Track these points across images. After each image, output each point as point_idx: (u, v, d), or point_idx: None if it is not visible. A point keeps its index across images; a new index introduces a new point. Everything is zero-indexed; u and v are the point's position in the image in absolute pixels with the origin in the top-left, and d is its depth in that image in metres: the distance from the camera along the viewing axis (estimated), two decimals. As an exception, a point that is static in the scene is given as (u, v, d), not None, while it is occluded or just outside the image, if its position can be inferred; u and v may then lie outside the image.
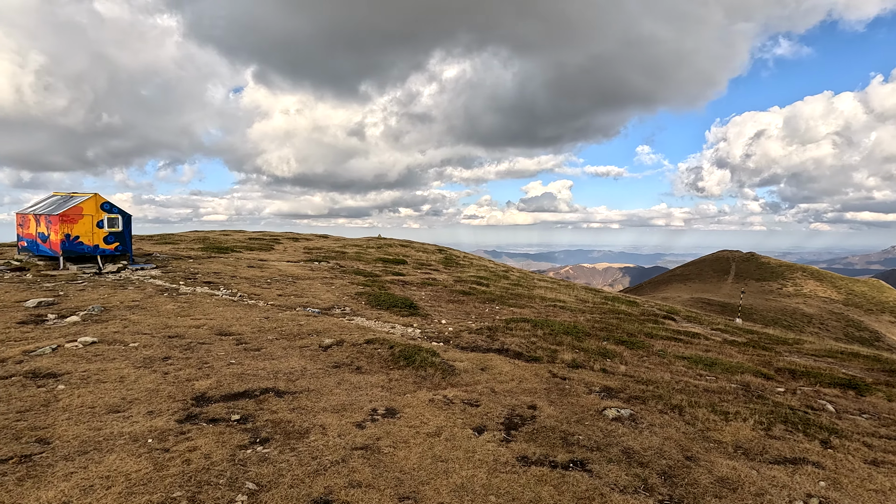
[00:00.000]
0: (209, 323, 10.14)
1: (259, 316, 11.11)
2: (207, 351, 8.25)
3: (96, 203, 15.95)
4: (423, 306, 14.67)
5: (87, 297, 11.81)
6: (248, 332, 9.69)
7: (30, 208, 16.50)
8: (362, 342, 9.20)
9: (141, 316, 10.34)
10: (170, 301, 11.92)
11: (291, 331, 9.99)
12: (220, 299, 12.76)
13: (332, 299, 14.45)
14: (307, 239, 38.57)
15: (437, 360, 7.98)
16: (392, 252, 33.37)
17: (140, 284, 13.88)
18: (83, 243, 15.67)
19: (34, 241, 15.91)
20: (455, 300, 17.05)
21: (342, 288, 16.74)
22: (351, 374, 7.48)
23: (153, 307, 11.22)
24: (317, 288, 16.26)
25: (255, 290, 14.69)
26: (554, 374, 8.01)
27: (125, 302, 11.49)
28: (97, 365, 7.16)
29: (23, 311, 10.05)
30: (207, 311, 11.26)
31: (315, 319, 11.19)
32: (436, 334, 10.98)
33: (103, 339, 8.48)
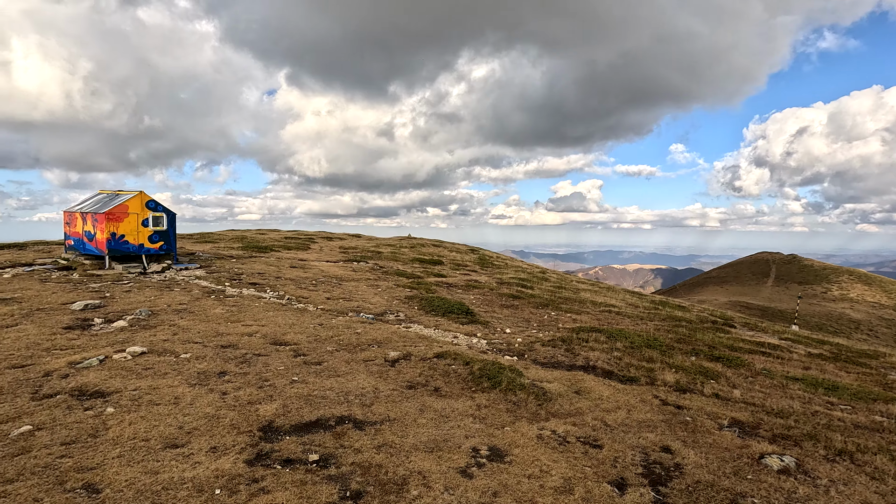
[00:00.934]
0: (262, 330, 9.24)
1: (312, 322, 10.17)
2: (265, 365, 7.30)
3: (141, 201, 15.38)
4: (479, 312, 13.53)
5: (134, 299, 11.10)
6: (304, 341, 8.74)
7: (76, 206, 16.08)
8: (432, 356, 8.12)
9: (190, 321, 9.52)
10: (218, 304, 11.11)
11: (350, 341, 8.99)
12: (269, 302, 11.91)
13: (383, 304, 13.45)
14: (341, 238, 37.93)
15: (524, 382, 6.83)
16: (426, 252, 32.36)
17: (186, 285, 13.17)
18: (128, 242, 15.12)
19: (81, 239, 15.45)
20: (507, 305, 15.86)
21: (389, 291, 15.76)
22: (431, 397, 6.40)
23: (201, 311, 10.41)
24: (364, 290, 15.32)
25: (302, 292, 13.82)
26: (664, 401, 6.75)
27: (172, 305, 10.72)
28: (148, 381, 6.27)
29: (69, 315, 9.35)
30: (258, 316, 10.39)
31: (371, 327, 10.18)
32: (505, 346, 9.82)
33: (153, 348, 7.63)
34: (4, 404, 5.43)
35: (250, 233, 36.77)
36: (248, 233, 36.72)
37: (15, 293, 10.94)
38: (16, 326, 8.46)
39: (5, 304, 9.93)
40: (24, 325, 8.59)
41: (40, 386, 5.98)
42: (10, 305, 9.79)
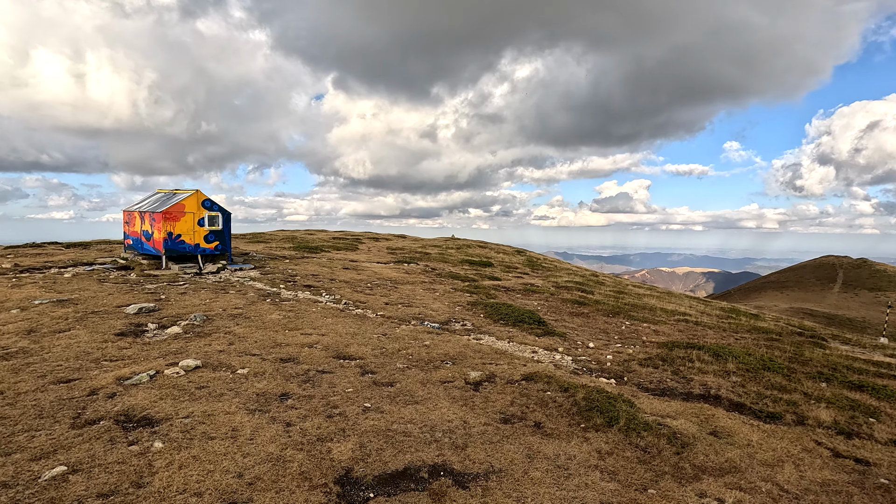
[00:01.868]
0: (322, 340, 8.22)
1: (375, 332, 9.09)
2: (331, 385, 6.22)
3: (198, 200, 14.88)
4: (550, 321, 12.11)
5: (189, 302, 10.39)
6: (369, 355, 7.64)
7: (135, 206, 15.82)
8: (519, 378, 6.82)
9: (246, 328, 8.63)
10: (274, 309, 10.23)
11: (420, 355, 7.82)
12: (326, 307, 10.95)
13: (445, 310, 12.26)
14: (387, 239, 37.18)
15: (647, 419, 5.42)
16: (473, 253, 31.03)
17: (241, 288, 12.45)
18: (184, 242, 14.64)
19: (139, 238, 15.14)
20: (576, 313, 14.33)
21: (448, 295, 14.57)
22: (535, 436, 5.10)
23: (257, 316, 9.54)
24: (422, 295, 14.20)
25: (359, 296, 12.84)
26: (834, 451, 5.18)
27: (227, 309, 9.92)
28: (202, 406, 5.29)
29: (122, 320, 8.66)
30: (316, 322, 9.41)
31: (440, 339, 8.99)
32: (596, 366, 8.39)
33: (207, 361, 6.71)
34: (42, 432, 4.55)
35: (299, 233, 36.65)
36: (298, 233, 36.61)
37: (73, 294, 10.46)
38: (68, 332, 7.79)
39: (62, 305, 9.39)
40: (76, 329, 7.92)
41: (83, 408, 5.10)
42: (66, 307, 9.24)
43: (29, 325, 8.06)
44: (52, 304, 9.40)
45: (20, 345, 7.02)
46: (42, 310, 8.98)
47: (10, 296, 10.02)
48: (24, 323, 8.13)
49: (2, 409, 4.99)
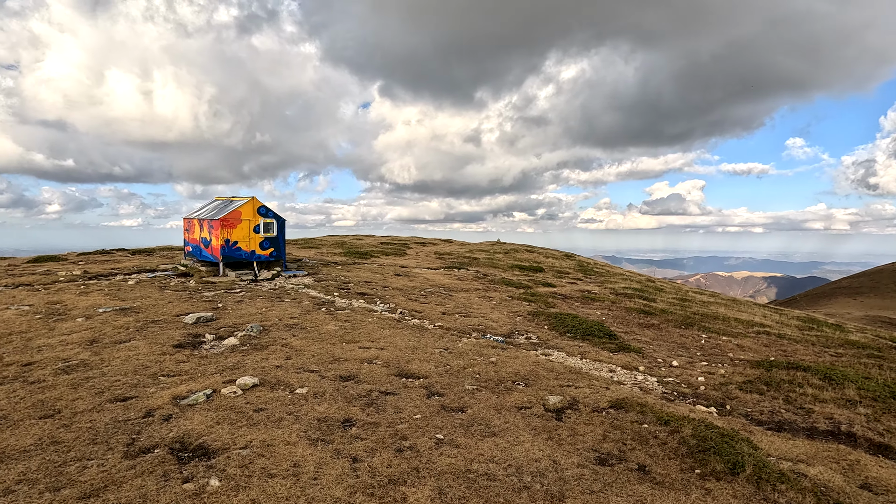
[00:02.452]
0: (381, 354, 7.62)
1: (436, 346, 8.41)
2: (396, 409, 5.57)
3: (253, 207, 14.83)
4: (621, 334, 11.03)
5: (245, 310, 10.12)
6: (433, 373, 6.95)
7: (195, 213, 16.01)
8: (606, 405, 5.92)
9: (302, 341, 8.18)
10: (329, 319, 9.78)
11: (489, 374, 7.06)
12: (382, 317, 10.40)
13: (505, 321, 11.44)
14: (433, 243, 36.69)
15: (781, 468, 4.39)
16: (521, 258, 29.93)
17: (295, 295, 12.15)
18: (241, 248, 14.61)
19: (198, 245, 15.27)
20: (645, 324, 13.12)
21: (506, 304, 13.73)
22: (642, 484, 4.21)
23: (313, 327, 9.10)
24: (478, 303, 13.44)
25: (414, 304, 12.24)
26: None
27: (283, 319, 9.55)
28: (261, 433, 4.75)
29: (181, 330, 8.42)
30: (373, 334, 8.85)
31: (506, 354, 8.19)
32: (688, 389, 7.33)
33: (265, 379, 6.24)
34: (94, 462, 4.14)
35: (348, 238, 36.86)
36: (346, 238, 36.83)
37: (135, 301, 10.44)
38: (128, 343, 7.59)
39: (124, 314, 9.31)
40: (136, 340, 7.71)
41: (138, 433, 4.68)
42: (128, 316, 9.14)
43: (91, 334, 7.94)
44: (114, 313, 9.34)
45: (81, 357, 6.83)
46: (105, 318, 8.91)
47: (77, 303, 10.10)
48: (88, 333, 8.02)
49: (57, 432, 4.65)
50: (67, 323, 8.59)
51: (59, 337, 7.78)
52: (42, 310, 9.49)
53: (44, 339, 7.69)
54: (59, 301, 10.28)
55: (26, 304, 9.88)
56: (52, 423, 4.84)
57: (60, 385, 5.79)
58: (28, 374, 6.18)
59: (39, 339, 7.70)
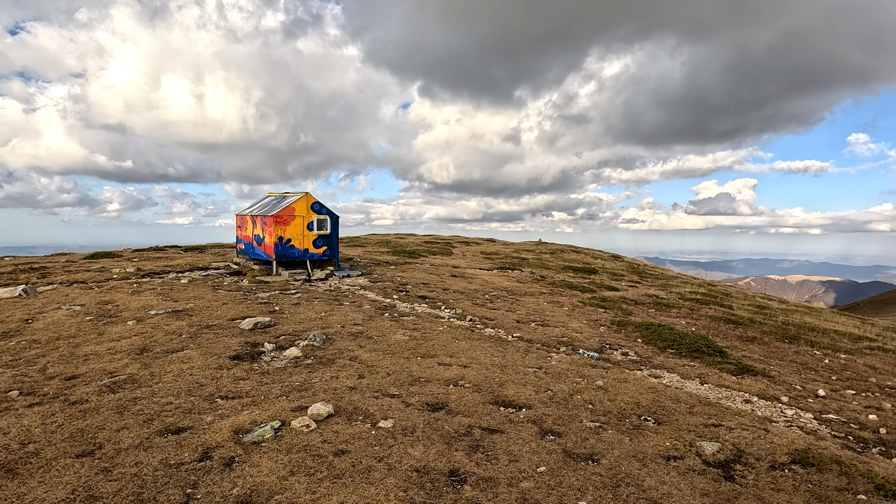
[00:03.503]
0: (467, 374, 6.33)
1: (525, 363, 7.06)
2: (510, 457, 4.25)
3: (307, 203, 13.90)
4: (727, 350, 9.32)
5: (304, 315, 9.08)
6: (536, 401, 5.60)
7: (247, 209, 15.27)
8: (786, 459, 4.40)
9: (371, 353, 7.00)
10: (396, 327, 8.59)
11: (602, 403, 5.64)
12: (452, 326, 9.13)
13: (589, 331, 9.95)
14: (477, 243, 35.26)
15: None
16: (569, 259, 28.04)
17: (353, 298, 11.07)
18: (294, 247, 13.71)
19: (250, 243, 14.50)
20: (744, 337, 11.31)
21: (580, 311, 12.21)
22: None
23: (380, 336, 7.92)
24: (549, 309, 11.99)
25: (482, 310, 10.92)
26: None
27: (346, 326, 8.43)
28: (349, 493, 3.54)
29: (237, 337, 7.41)
30: (449, 347, 7.58)
31: (612, 376, 6.73)
32: (865, 432, 5.66)
33: (339, 405, 5.06)
34: (137, 534, 3.01)
35: (390, 236, 35.98)
36: (389, 236, 35.96)
37: (188, 303, 9.60)
38: (181, 352, 6.61)
39: (177, 317, 8.43)
40: (189, 349, 6.73)
41: (194, 486, 3.56)
42: (181, 320, 8.24)
43: (142, 341, 7.03)
44: (167, 316, 8.47)
45: (130, 370, 5.86)
46: (157, 322, 8.04)
47: (129, 304, 9.33)
48: (138, 339, 7.11)
49: (95, 480, 3.59)
50: (117, 327, 7.75)
51: (108, 343, 6.90)
52: (93, 310, 8.74)
53: (91, 345, 6.83)
54: (111, 301, 9.55)
55: (78, 304, 9.19)
56: (91, 466, 3.78)
57: (105, 408, 4.79)
58: (70, 390, 5.24)
59: (87, 345, 6.84)
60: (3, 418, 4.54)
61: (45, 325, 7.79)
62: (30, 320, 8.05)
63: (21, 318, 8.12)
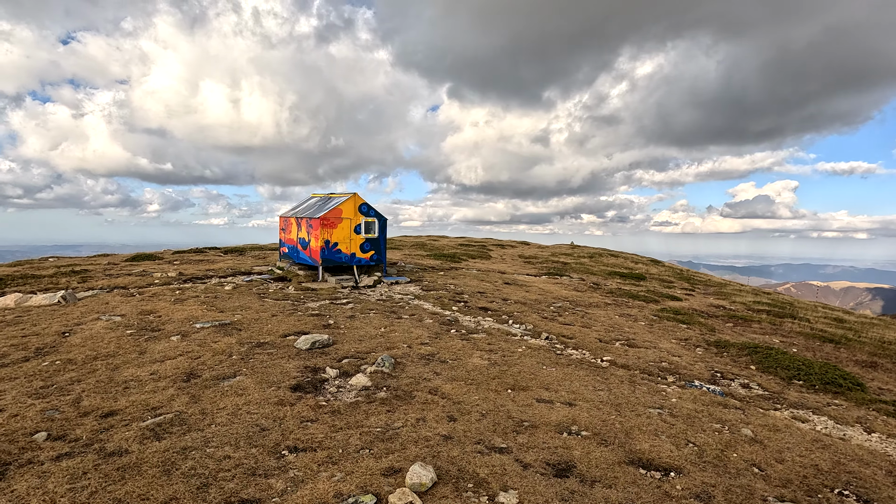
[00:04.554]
0: (577, 416, 5.05)
1: (637, 398, 5.72)
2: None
3: (354, 204, 12.87)
4: (862, 381, 7.73)
5: (362, 329, 7.96)
6: (685, 461, 4.27)
7: (291, 211, 14.36)
8: None
9: (453, 384, 5.80)
10: (469, 347, 7.37)
11: (772, 466, 4.27)
12: (530, 345, 7.85)
13: (684, 353, 8.51)
14: (511, 246, 33.83)
15: None
16: (610, 263, 26.29)
17: (410, 309, 9.92)
18: (341, 251, 12.69)
19: (294, 246, 13.57)
20: (861, 361, 9.61)
21: (661, 327, 10.74)
22: None
23: (454, 359, 6.72)
24: (625, 324, 10.56)
25: (553, 325, 9.60)
26: None
27: (412, 345, 7.26)
28: None
29: (294, 360, 6.33)
30: (539, 375, 6.32)
31: (758, 422, 5.33)
32: None
33: (440, 468, 3.86)
34: None
35: (423, 238, 34.93)
36: (422, 238, 34.92)
37: (235, 314, 8.62)
38: (233, 379, 5.55)
39: (224, 332, 7.43)
40: (243, 375, 5.67)
41: None
42: (229, 335, 7.24)
43: (188, 363, 6.01)
44: (213, 330, 7.49)
45: (177, 405, 4.82)
46: (203, 338, 7.05)
47: (172, 314, 8.41)
48: (183, 360, 6.10)
49: None
50: (160, 343, 6.78)
51: (151, 366, 5.91)
52: (134, 322, 7.84)
53: (132, 367, 5.85)
54: (153, 311, 8.66)
55: (118, 314, 8.32)
56: (130, 569, 2.68)
57: (148, 464, 3.72)
58: (108, 434, 4.20)
59: (127, 367, 5.86)
60: (24, 477, 3.52)
61: (83, 339, 6.89)
62: (66, 333, 7.18)
63: (57, 331, 7.26)
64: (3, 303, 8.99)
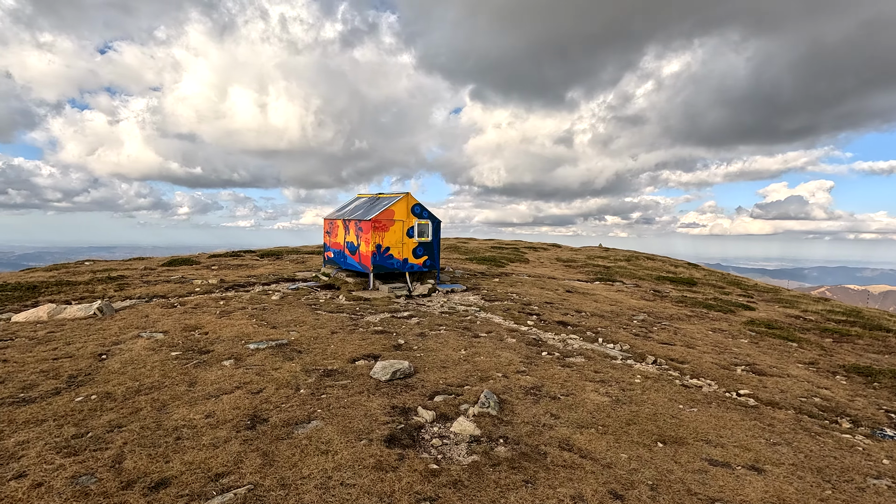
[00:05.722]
0: (777, 490, 3.64)
1: (841, 462, 4.27)
2: None
3: (407, 205, 11.62)
4: None
5: (440, 352, 6.66)
6: None
7: (337, 213, 13.21)
8: None
9: (583, 433, 4.45)
10: (576, 378, 5.99)
11: None
12: (639, 371, 6.43)
13: (825, 382, 6.95)
14: (543, 248, 32.21)
15: None
16: (651, 266, 24.41)
17: (480, 322, 8.59)
18: (393, 256, 11.45)
19: (341, 251, 12.39)
20: None
21: (768, 345, 9.16)
22: None
23: (565, 394, 5.37)
24: (727, 341, 9.02)
25: (651, 344, 8.15)
26: None
27: (508, 374, 5.93)
28: None
29: (376, 395, 5.05)
30: (683, 419, 4.91)
31: None
32: None
33: None
34: None
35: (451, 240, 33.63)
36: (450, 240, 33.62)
37: (290, 330, 7.43)
38: (309, 425, 4.30)
39: (283, 355, 6.22)
40: (320, 419, 4.42)
41: None
42: (290, 360, 6.02)
43: (249, 400, 4.79)
44: (270, 352, 6.28)
45: (246, 471, 3.57)
46: (261, 364, 5.84)
47: (219, 331, 7.26)
48: (243, 396, 4.89)
49: None
50: (212, 371, 5.60)
51: (204, 404, 4.70)
52: (178, 341, 6.70)
53: (183, 406, 4.65)
54: (198, 325, 7.53)
55: (160, 331, 7.21)
56: None
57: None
58: (159, 521, 2.97)
59: (176, 405, 4.68)
60: None
61: (122, 364, 5.76)
62: (103, 356, 6.07)
63: (93, 353, 6.15)
64: (35, 315, 8.00)
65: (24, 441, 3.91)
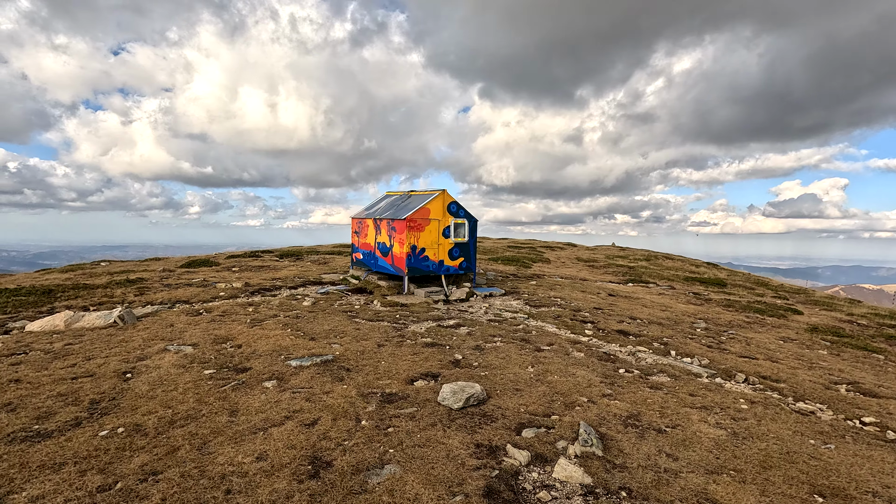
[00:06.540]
0: None
1: None
2: None
3: (443, 203, 10.77)
4: None
5: (506, 370, 5.81)
6: None
7: (366, 212, 12.38)
8: None
9: (715, 481, 3.58)
10: (675, 404, 5.12)
11: None
12: (741, 394, 5.54)
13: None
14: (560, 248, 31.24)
15: None
16: (672, 266, 23.37)
17: (534, 332, 7.72)
18: (428, 258, 10.61)
19: (371, 252, 11.57)
20: None
21: (851, 357, 8.21)
22: None
23: (670, 425, 4.50)
24: (803, 353, 8.08)
25: (732, 358, 7.24)
26: None
27: (594, 398, 5.06)
28: None
29: (453, 430, 4.21)
30: (826, 461, 4.03)
31: None
32: None
33: None
34: None
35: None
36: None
37: (331, 342, 6.62)
38: (384, 471, 3.47)
39: (330, 374, 5.40)
40: (395, 464, 3.58)
41: None
42: (341, 381, 5.19)
43: (305, 436, 3.96)
44: (316, 371, 5.46)
45: (325, 547, 2.73)
46: (308, 386, 5.02)
47: (253, 343, 6.45)
48: (295, 429, 4.06)
49: None
50: (254, 395, 4.78)
51: (252, 440, 3.88)
52: (210, 356, 5.90)
53: (227, 445, 3.84)
54: (229, 336, 6.73)
55: (188, 343, 6.41)
56: None
57: None
58: None
59: (219, 441, 3.86)
60: None
61: (150, 385, 4.96)
62: (128, 374, 5.28)
63: (116, 371, 5.37)
64: (51, 323, 7.25)
65: (38, 497, 3.10)
